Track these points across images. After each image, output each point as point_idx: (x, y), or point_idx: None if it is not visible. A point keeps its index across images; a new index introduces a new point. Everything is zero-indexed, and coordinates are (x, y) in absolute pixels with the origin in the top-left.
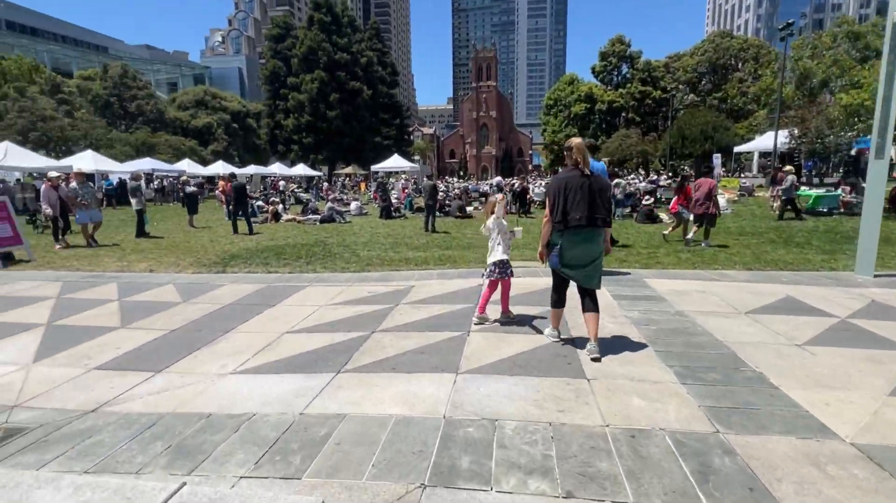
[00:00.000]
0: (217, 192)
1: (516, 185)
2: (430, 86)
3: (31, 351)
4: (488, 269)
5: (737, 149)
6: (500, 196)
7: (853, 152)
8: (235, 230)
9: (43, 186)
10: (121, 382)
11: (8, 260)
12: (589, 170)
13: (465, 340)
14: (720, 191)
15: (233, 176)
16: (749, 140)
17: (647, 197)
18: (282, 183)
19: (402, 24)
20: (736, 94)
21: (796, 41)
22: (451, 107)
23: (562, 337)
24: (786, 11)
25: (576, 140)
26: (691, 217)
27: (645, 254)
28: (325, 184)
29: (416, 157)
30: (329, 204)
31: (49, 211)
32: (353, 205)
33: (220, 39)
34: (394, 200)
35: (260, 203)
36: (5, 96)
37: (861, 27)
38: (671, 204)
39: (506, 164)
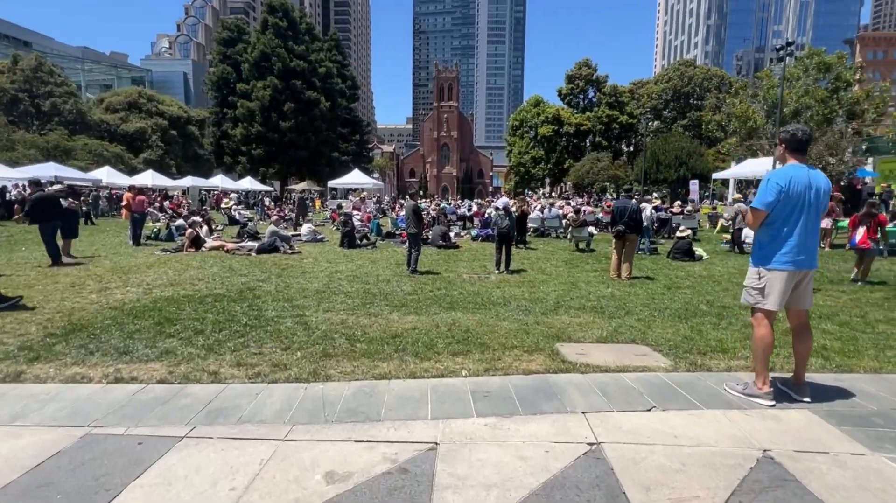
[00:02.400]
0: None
1: (514, 207)
2: (390, 105)
3: None
4: None
5: (715, 175)
6: None
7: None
8: (55, 261)
9: None
10: None
11: None
12: None
13: None
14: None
15: (35, 184)
16: (721, 168)
17: (681, 228)
18: (226, 199)
19: (362, 40)
20: (710, 120)
21: (763, 71)
22: (410, 126)
23: None
24: (731, 49)
25: None
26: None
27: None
28: (267, 199)
29: (376, 175)
30: (271, 227)
31: None
32: (305, 228)
33: (167, 45)
34: (356, 223)
35: (180, 223)
36: None
37: (830, 58)
38: (860, 237)
39: (466, 184)
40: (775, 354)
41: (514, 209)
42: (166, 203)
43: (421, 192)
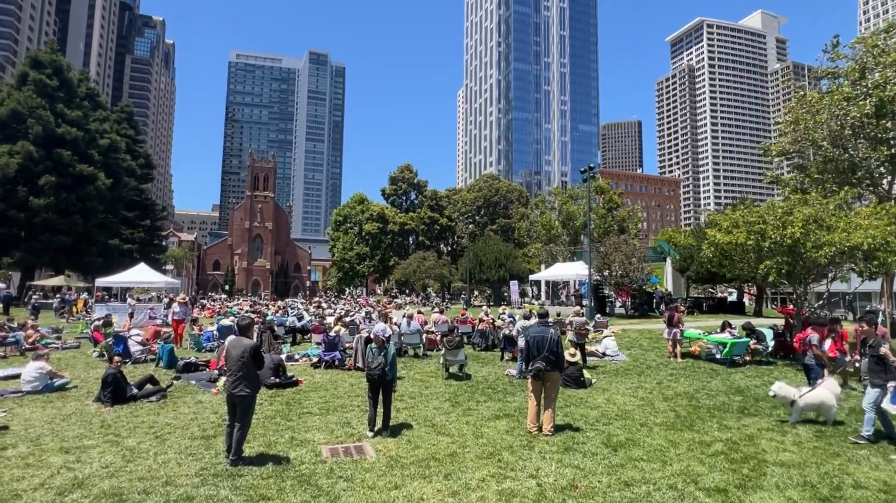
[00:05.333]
0: None
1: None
2: (193, 190)
3: None
4: None
5: (532, 276)
6: None
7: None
8: None
9: None
10: None
11: None
12: None
13: None
14: (603, 331)
15: None
16: (531, 269)
17: (570, 351)
18: None
19: (163, 118)
20: (522, 225)
21: (555, 189)
22: (216, 214)
23: None
24: (517, 170)
25: None
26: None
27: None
28: None
29: (170, 267)
30: None
31: None
32: (32, 368)
33: None
34: (134, 346)
35: None
36: None
37: (603, 183)
38: (827, 346)
39: (282, 279)
40: None
41: (376, 317)
42: None
43: (226, 287)
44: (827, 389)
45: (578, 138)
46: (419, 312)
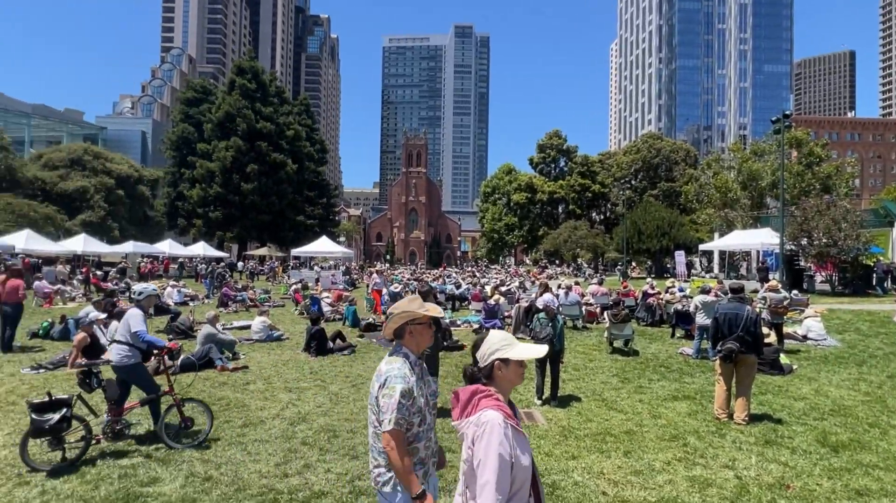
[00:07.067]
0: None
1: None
2: (357, 169)
3: None
4: None
5: (703, 246)
6: None
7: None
8: None
9: None
10: None
11: None
12: None
13: None
14: (804, 310)
15: None
16: (700, 239)
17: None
18: (157, 283)
19: (332, 106)
20: (690, 189)
21: (732, 143)
22: (377, 191)
23: None
24: (681, 127)
25: None
26: None
27: None
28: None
29: (342, 239)
30: (206, 329)
31: None
32: (258, 322)
33: (129, 105)
34: (326, 307)
35: (84, 313)
36: None
37: (800, 133)
38: None
39: (434, 249)
40: None
41: (531, 287)
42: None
43: (387, 257)
44: None
45: (763, 82)
46: (577, 283)
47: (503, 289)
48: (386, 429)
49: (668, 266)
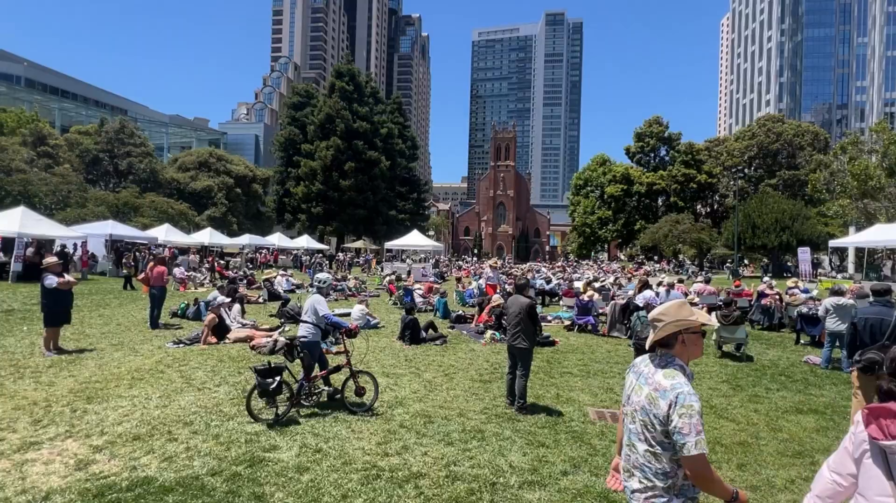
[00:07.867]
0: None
1: (626, 281)
2: (445, 165)
3: None
4: None
5: (834, 242)
6: None
7: None
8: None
9: None
10: None
11: None
12: None
13: None
14: None
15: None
16: (831, 235)
17: None
18: (268, 271)
19: (422, 103)
20: (819, 177)
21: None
22: (465, 185)
23: None
24: (807, 106)
25: None
26: None
27: None
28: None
29: (431, 233)
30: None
31: None
32: (357, 310)
33: (244, 111)
34: (418, 298)
35: (212, 296)
36: None
37: None
38: None
39: (522, 243)
40: None
41: (626, 284)
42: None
43: (475, 251)
44: None
45: None
46: (680, 281)
47: (596, 285)
48: (693, 452)
49: (789, 264)
